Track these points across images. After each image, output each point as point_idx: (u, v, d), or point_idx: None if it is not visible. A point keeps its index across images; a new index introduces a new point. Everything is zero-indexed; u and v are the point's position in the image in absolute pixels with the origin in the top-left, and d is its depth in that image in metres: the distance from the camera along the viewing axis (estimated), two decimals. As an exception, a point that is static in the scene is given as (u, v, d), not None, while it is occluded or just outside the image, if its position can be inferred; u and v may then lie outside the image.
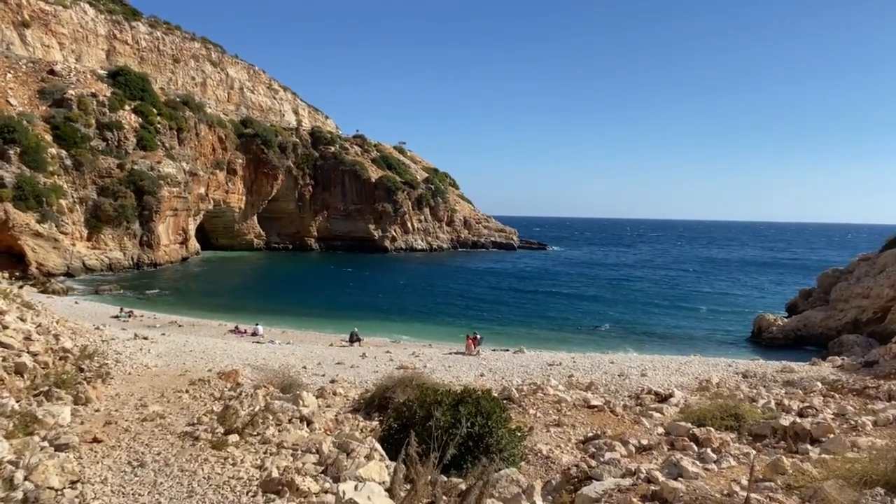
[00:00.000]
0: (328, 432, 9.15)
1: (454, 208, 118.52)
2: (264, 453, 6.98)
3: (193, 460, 6.51)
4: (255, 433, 7.71)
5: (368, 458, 7.11)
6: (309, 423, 9.15)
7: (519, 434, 10.24)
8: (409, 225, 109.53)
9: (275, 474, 5.89)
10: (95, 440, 7.46)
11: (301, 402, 12.47)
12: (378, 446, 8.45)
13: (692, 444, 13.16)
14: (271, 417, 8.59)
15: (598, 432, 13.97)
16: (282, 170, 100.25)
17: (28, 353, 14.13)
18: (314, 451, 7.10)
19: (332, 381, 22.43)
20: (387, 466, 6.60)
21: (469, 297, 58.42)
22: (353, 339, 33.37)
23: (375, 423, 16.96)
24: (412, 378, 19.03)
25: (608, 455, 10.57)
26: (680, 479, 9.57)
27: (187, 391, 14.85)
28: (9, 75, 64.94)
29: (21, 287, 45.99)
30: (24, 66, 67.82)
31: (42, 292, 45.18)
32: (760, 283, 78.65)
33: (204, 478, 5.97)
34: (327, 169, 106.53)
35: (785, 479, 9.23)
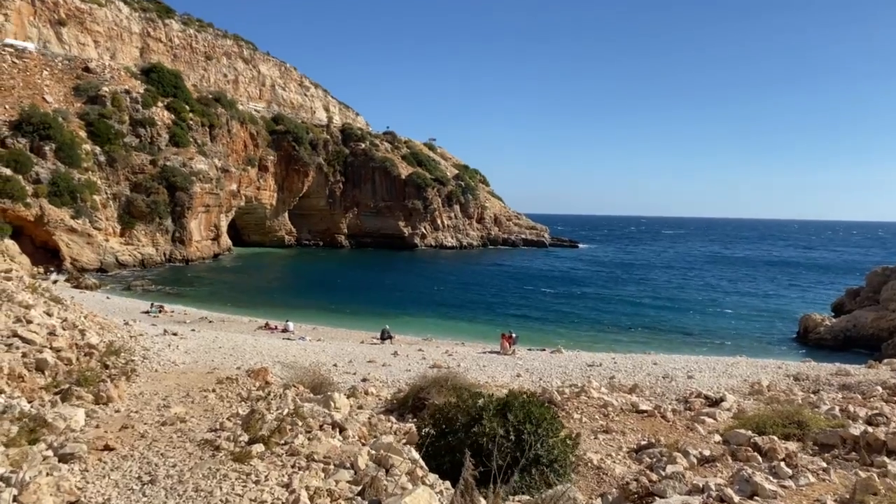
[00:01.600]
0: (363, 440, 8.30)
1: (484, 205, 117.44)
2: (292, 467, 6.14)
3: (211, 476, 5.71)
4: (282, 442, 6.89)
5: (411, 475, 6.24)
6: (341, 429, 8.30)
7: (570, 443, 9.27)
8: (439, 222, 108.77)
9: (304, 498, 5.05)
10: (107, 447, 6.71)
11: (332, 405, 11.66)
12: (419, 459, 7.58)
13: (756, 454, 12.09)
14: (300, 423, 7.77)
15: (651, 440, 12.95)
16: (312, 167, 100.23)
17: (51, 349, 13.55)
18: (348, 465, 6.25)
19: (364, 380, 21.71)
20: (437, 493, 5.70)
21: (501, 295, 57.40)
22: (385, 336, 32.63)
23: (410, 424, 16.13)
24: (447, 378, 18.17)
25: (670, 468, 9.57)
26: (756, 497, 8.55)
27: (214, 390, 14.17)
28: (45, 72, 65.65)
29: (55, 282, 46.35)
30: (59, 64, 68.55)
31: (75, 287, 45.34)
32: (799, 283, 76.23)
33: (221, 500, 5.16)
34: (357, 166, 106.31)
35: (878, 500, 8.16)
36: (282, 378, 19.82)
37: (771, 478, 9.21)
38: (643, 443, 12.63)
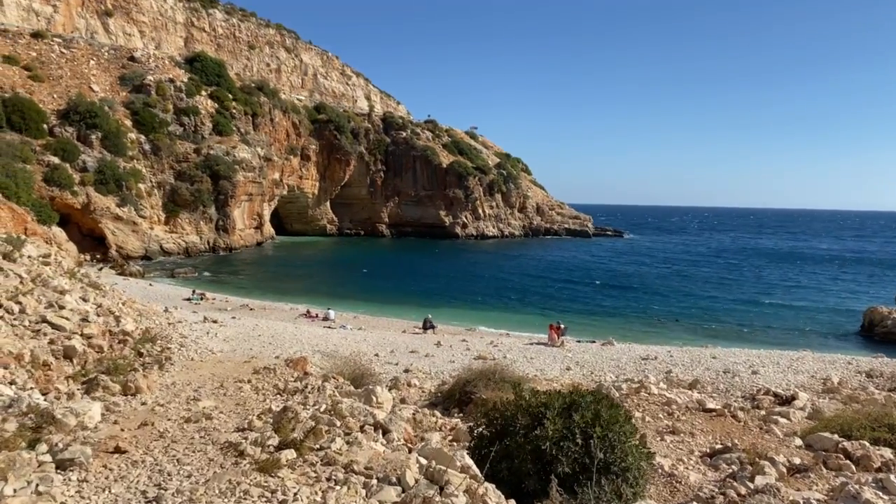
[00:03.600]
0: (409, 444, 7.29)
1: (526, 194, 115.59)
2: (327, 480, 5.16)
3: (229, 492, 4.77)
4: (316, 446, 5.92)
5: (469, 494, 5.19)
6: (384, 430, 7.30)
7: (645, 450, 8.11)
8: (481, 211, 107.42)
9: (340, 528, 4.06)
10: (118, 450, 5.84)
11: (374, 399, 10.70)
12: (473, 466, 6.55)
13: (847, 462, 10.74)
14: (338, 423, 6.80)
15: (726, 443, 11.68)
16: (354, 155, 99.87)
17: (81, 335, 12.91)
18: (394, 479, 5.25)
19: (406, 371, 20.84)
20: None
21: (546, 286, 55.90)
22: (427, 326, 31.71)
23: (456, 420, 15.14)
24: (494, 371, 17.16)
25: (759, 480, 8.33)
26: (868, 518, 7.31)
27: (249, 381, 13.37)
28: (92, 62, 66.38)
29: (100, 269, 46.77)
30: (106, 54, 69.25)
31: (120, 275, 45.65)
32: (854, 276, 72.73)
33: (235, 529, 4.21)
34: (399, 154, 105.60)
35: None
36: (321, 368, 19.02)
37: (881, 493, 7.92)
38: (717, 446, 11.36)
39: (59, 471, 5.07)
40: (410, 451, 6.75)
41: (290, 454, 5.57)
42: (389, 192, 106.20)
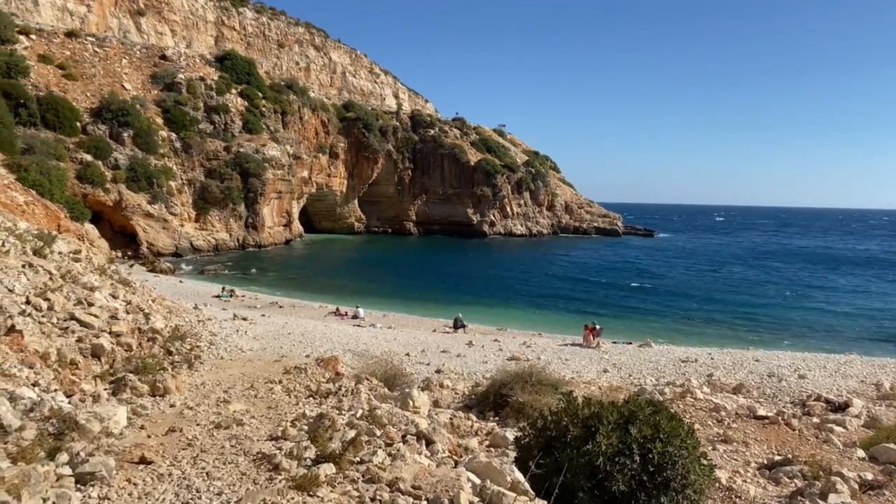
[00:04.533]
0: (454, 455, 6.76)
1: (555, 192, 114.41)
2: (371, 501, 4.63)
3: (264, 517, 4.26)
4: (356, 459, 5.41)
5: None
6: (428, 441, 6.77)
7: (706, 463, 7.47)
8: (509, 209, 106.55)
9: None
10: (143, 460, 5.39)
11: (411, 403, 10.20)
12: (523, 482, 6.02)
13: (919, 477, 9.97)
14: (378, 432, 6.29)
15: (783, 454, 10.96)
16: (382, 153, 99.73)
17: (109, 333, 12.60)
18: (446, 501, 4.70)
19: (438, 372, 20.33)
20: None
21: (577, 285, 54.93)
22: (458, 325, 31.17)
23: (492, 424, 14.60)
24: (531, 373, 16.54)
25: (833, 499, 7.66)
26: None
27: (280, 382, 12.98)
28: (124, 61, 67.04)
29: (131, 266, 47.06)
30: (138, 52, 69.92)
31: (150, 271, 45.89)
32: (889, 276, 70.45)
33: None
34: (426, 152, 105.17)
35: None
36: (352, 368, 18.60)
37: (971, 517, 7.21)
38: (776, 458, 10.65)
39: (78, 486, 4.63)
40: (456, 463, 6.22)
41: (328, 469, 5.07)
42: (417, 190, 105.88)
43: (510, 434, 13.13)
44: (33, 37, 60.81)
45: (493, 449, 12.16)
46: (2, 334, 8.61)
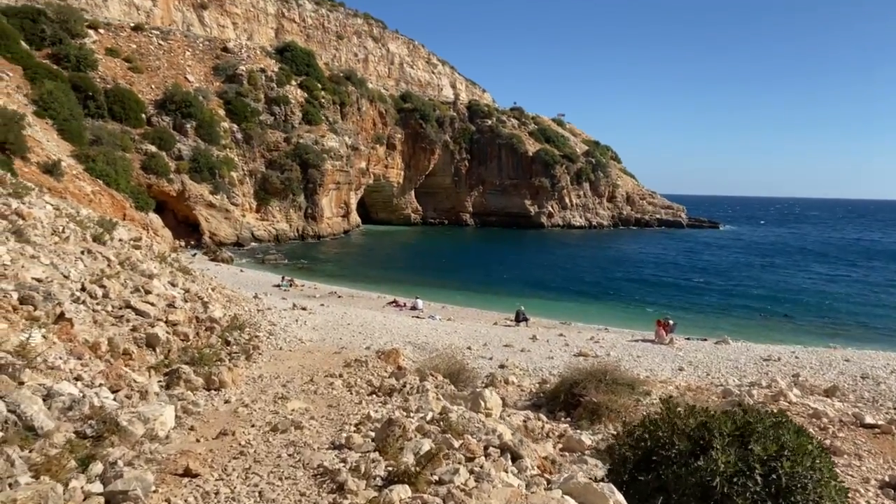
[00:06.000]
0: (547, 475, 5.79)
1: (616, 183, 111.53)
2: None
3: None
4: (435, 478, 4.51)
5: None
6: (514, 455, 5.82)
7: (840, 486, 6.31)
8: (567, 200, 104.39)
9: None
10: (187, 472, 4.64)
11: (483, 405, 9.30)
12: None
13: None
14: (456, 443, 5.39)
15: (908, 472, 9.61)
16: (439, 144, 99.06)
17: (165, 322, 12.11)
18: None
19: (502, 367, 19.37)
20: None
21: (643, 278, 52.96)
22: (520, 318, 30.09)
23: (564, 425, 13.58)
24: (605, 371, 15.43)
25: None
26: None
27: (341, 375, 12.27)
28: (187, 53, 68.14)
29: (194, 255, 47.67)
30: (200, 45, 70.97)
31: (212, 260, 46.35)
32: None
33: None
34: (483, 143, 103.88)
35: None
36: (414, 361, 17.85)
37: None
38: (900, 476, 9.33)
39: (106, 508, 3.88)
40: (549, 483, 5.27)
41: (403, 491, 4.21)
42: (474, 180, 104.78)
43: (586, 438, 12.10)
44: (101, 31, 62.32)
45: (567, 453, 11.19)
46: (50, 322, 8.07)
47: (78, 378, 6.46)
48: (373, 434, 5.83)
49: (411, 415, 7.24)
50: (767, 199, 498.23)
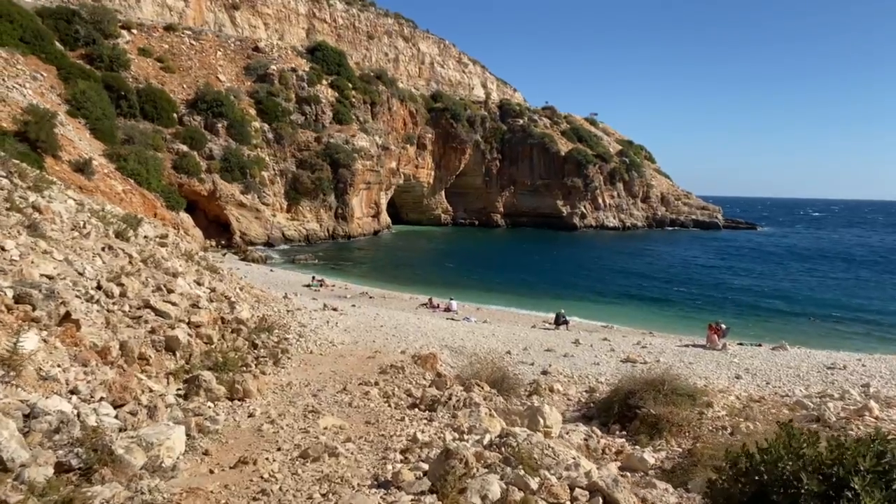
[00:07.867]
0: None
1: (650, 183, 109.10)
2: None
3: None
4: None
5: None
6: (607, 500, 4.62)
7: None
8: (601, 201, 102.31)
9: None
10: (193, 524, 3.54)
11: (542, 422, 8.12)
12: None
13: None
14: (533, 483, 4.22)
15: None
16: (470, 144, 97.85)
17: (188, 323, 11.17)
18: None
19: (545, 373, 18.12)
20: None
21: (682, 281, 51.02)
22: (560, 321, 28.80)
23: (621, 440, 12.33)
24: (662, 380, 14.04)
25: None
26: None
27: (377, 383, 11.21)
28: (219, 53, 68.01)
29: (224, 254, 47.24)
30: (232, 45, 70.86)
31: (242, 260, 45.89)
32: None
33: None
34: (515, 143, 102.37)
35: None
36: (452, 367, 16.73)
37: None
38: None
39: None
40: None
41: (478, 561, 3.06)
42: (505, 181, 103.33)
43: (648, 456, 10.86)
44: (134, 31, 62.42)
45: (628, 474, 9.97)
46: (53, 324, 7.10)
47: (74, 391, 5.44)
48: (424, 466, 4.72)
49: (465, 437, 6.11)
50: (804, 201, 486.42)
